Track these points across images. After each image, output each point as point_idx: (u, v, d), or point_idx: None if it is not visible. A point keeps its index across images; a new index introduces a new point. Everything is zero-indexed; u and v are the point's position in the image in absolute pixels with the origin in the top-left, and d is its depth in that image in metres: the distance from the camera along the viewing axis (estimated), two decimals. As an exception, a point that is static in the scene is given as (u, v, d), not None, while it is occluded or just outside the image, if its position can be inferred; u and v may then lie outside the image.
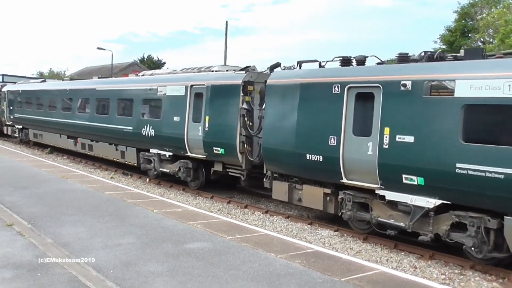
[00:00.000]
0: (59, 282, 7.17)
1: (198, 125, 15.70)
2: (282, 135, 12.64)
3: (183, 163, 16.78)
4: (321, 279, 7.74)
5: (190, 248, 9.23)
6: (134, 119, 18.91)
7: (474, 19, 41.88)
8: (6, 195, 13.70)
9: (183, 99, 16.44)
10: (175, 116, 16.67)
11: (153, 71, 20.21)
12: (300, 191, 12.68)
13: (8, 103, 32.88)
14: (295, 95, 12.40)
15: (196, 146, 15.84)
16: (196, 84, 16.15)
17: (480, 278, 9.05)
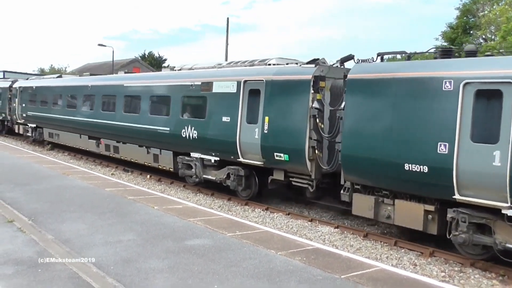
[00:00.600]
0: (60, 278, 7.19)
1: (254, 127, 13.63)
2: (370, 140, 10.61)
3: (233, 170, 14.65)
4: (321, 276, 7.75)
5: (191, 244, 9.24)
6: (172, 119, 16.92)
7: (476, 16, 41.74)
8: (7, 191, 13.73)
9: (234, 97, 14.35)
10: (224, 116, 14.64)
11: (192, 65, 17.97)
12: (390, 206, 10.65)
13: (20, 100, 30.96)
14: (388, 92, 10.41)
15: (251, 151, 13.82)
16: (251, 80, 14.05)
17: (480, 276, 9.06)
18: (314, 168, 12.47)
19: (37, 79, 32.72)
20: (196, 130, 15.68)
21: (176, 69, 18.82)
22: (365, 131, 10.75)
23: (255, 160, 13.85)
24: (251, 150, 13.81)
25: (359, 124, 10.92)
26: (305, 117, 12.36)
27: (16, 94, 31.56)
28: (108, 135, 21.28)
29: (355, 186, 11.36)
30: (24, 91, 30.62)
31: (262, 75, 13.83)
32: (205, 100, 15.57)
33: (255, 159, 13.83)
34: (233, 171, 14.66)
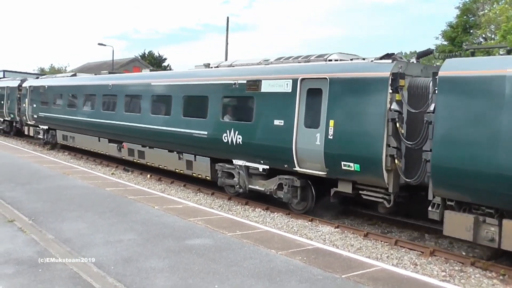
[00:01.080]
0: (60, 278, 7.19)
1: (315, 132, 11.95)
2: (471, 148, 9.08)
3: (287, 180, 13.00)
4: (322, 276, 7.75)
5: (191, 244, 9.24)
6: (210, 121, 15.21)
7: (476, 15, 41.73)
8: (7, 191, 13.73)
9: (289, 97, 12.64)
10: (277, 119, 12.93)
11: (232, 61, 16.27)
12: (495, 227, 9.05)
13: (30, 100, 29.01)
14: (499, 93, 8.77)
15: (311, 159, 12.11)
16: (310, 77, 12.33)
17: (480, 275, 9.06)
18: (392, 180, 10.79)
19: (49, 77, 30.43)
20: (241, 134, 13.99)
21: (213, 66, 17.02)
22: (465, 137, 9.23)
23: (315, 170, 12.14)
24: (311, 158, 12.13)
25: (457, 130, 9.37)
26: (382, 120, 10.72)
27: (26, 94, 29.70)
28: (132, 138, 19.60)
29: (448, 203, 9.74)
30: (35, 91, 28.80)
31: (325, 72, 12.09)
32: (252, 101, 13.85)
33: (315, 168, 12.12)
34: (286, 182, 13.02)
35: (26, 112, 29.60)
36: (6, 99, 33.61)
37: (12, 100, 32.64)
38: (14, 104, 32.20)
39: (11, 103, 32.71)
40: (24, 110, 29.87)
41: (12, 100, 32.54)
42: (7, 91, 33.50)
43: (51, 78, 29.54)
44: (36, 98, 28.45)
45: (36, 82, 29.97)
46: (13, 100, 32.43)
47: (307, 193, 13.05)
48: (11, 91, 32.93)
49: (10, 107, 32.91)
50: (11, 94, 32.75)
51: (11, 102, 32.71)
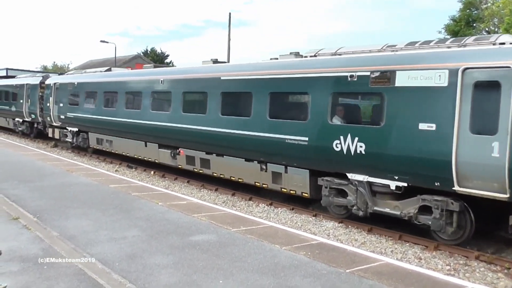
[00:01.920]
0: (65, 275, 7.21)
1: (490, 140, 8.98)
2: None
3: (439, 203, 9.96)
4: (326, 271, 7.75)
5: (195, 240, 9.26)
6: (313, 124, 12.16)
7: (479, 8, 41.58)
8: (12, 188, 13.77)
9: (444, 93, 9.67)
10: (423, 122, 9.95)
11: (336, 49, 12.99)
12: None
13: (56, 99, 25.69)
14: None
15: (483, 175, 9.15)
16: (479, 67, 9.36)
17: (485, 269, 9.05)
18: None
19: (78, 73, 26.85)
20: (363, 141, 10.99)
21: (308, 54, 13.55)
22: None
23: (488, 190, 9.09)
24: (482, 175, 9.16)
25: None
26: None
27: (50, 92, 26.44)
28: (192, 143, 16.42)
29: None
30: (62, 89, 25.39)
31: (506, 59, 9.03)
32: (381, 98, 10.92)
33: (488, 188, 9.09)
34: (437, 204, 9.99)
35: (51, 112, 26.16)
36: (26, 97, 30.54)
37: (33, 98, 29.58)
38: (36, 103, 29.16)
39: (32, 102, 29.75)
40: (49, 110, 26.51)
41: (33, 99, 29.50)
42: (27, 88, 30.50)
43: (81, 74, 25.99)
44: (63, 96, 25.09)
45: (63, 78, 26.82)
46: (34, 99, 29.46)
47: (464, 219, 10.11)
48: (31, 89, 29.91)
49: (31, 106, 29.85)
50: (32, 92, 29.74)
51: (32, 101, 29.72)
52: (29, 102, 30.21)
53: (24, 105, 30.77)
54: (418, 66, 10.28)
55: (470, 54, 9.84)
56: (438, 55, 10.33)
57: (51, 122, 26.55)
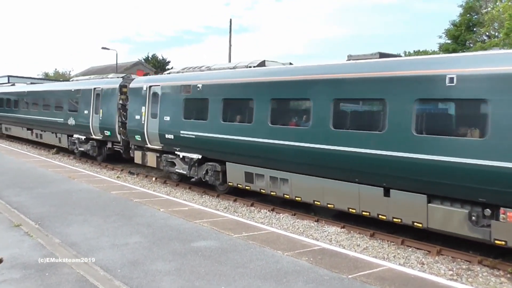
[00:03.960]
0: (67, 281, 7.20)
1: None
2: None
3: None
4: (329, 276, 7.73)
5: (197, 246, 9.24)
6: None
7: (479, 13, 41.66)
8: (14, 195, 13.78)
9: None
10: None
11: None
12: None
13: (156, 109, 17.92)
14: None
15: None
16: None
17: (488, 274, 9.02)
18: None
19: (195, 71, 17.72)
20: None
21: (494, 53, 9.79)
22: None
23: None
24: None
25: None
26: None
27: (143, 99, 18.70)
28: None
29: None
30: (169, 94, 17.47)
31: None
32: None
33: None
34: None
35: (144, 128, 18.48)
36: (94, 107, 22.75)
37: (107, 108, 21.82)
38: (113, 115, 21.33)
39: (106, 114, 21.80)
40: (139, 125, 18.81)
41: (108, 109, 21.73)
42: (96, 94, 22.74)
43: (207, 72, 16.77)
44: (171, 105, 17.27)
45: (171, 79, 18.08)
46: (109, 109, 21.67)
47: None
48: (105, 95, 22.10)
49: (106, 119, 21.86)
50: (105, 100, 22.02)
51: (106, 111, 21.85)
52: (100, 113, 22.18)
53: (92, 118, 22.75)
54: None
55: None
56: None
57: (145, 143, 18.74)
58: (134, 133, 19.36)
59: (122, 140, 21.25)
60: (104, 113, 22.03)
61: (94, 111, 22.73)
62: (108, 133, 21.84)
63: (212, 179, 15.96)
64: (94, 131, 22.81)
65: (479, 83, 9.25)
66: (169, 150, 17.71)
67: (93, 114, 22.74)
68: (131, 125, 19.60)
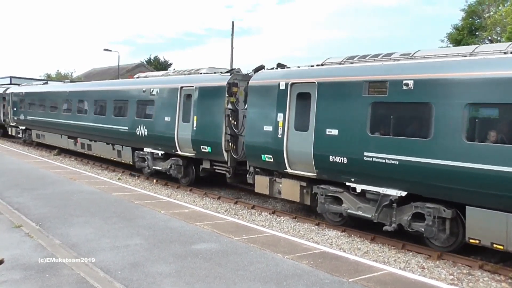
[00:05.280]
0: (67, 283, 7.20)
1: None
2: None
3: None
4: (329, 280, 7.72)
5: (198, 249, 9.24)
6: None
7: (481, 17, 41.67)
8: (15, 196, 13.79)
9: None
10: None
11: None
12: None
13: (311, 117, 12.37)
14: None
15: None
16: None
17: (488, 279, 9.00)
18: None
19: (376, 60, 11.86)
20: None
21: None
22: None
23: None
24: None
25: None
26: None
27: (282, 102, 13.05)
28: None
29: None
30: (332, 97, 12.05)
31: None
32: None
33: None
34: None
35: (283, 145, 12.89)
36: (181, 112, 16.98)
37: (207, 115, 15.94)
38: (217, 124, 15.46)
39: (206, 122, 15.94)
40: (270, 139, 13.29)
41: (209, 116, 15.88)
42: (185, 95, 16.93)
43: (403, 62, 11.23)
44: (345, 114, 11.70)
45: (333, 75, 12.32)
46: (211, 116, 15.80)
47: None
48: (202, 97, 16.17)
49: (202, 129, 16.00)
50: (205, 103, 16.07)
51: (205, 119, 15.99)
52: (192, 121, 16.27)
53: (178, 127, 16.93)
54: None
55: None
56: None
57: (280, 166, 13.15)
58: (259, 151, 13.58)
59: (230, 160, 15.29)
60: (200, 121, 15.95)
61: (181, 118, 16.86)
62: (207, 148, 15.74)
63: (435, 231, 10.05)
64: (182, 145, 16.84)
65: None
66: (330, 178, 12.22)
67: (180, 122, 16.88)
68: (252, 139, 13.87)
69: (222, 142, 15.21)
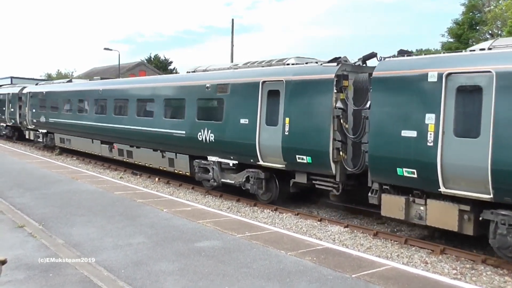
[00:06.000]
0: (71, 282, 7.21)
1: None
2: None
3: None
4: (332, 276, 7.73)
5: (200, 246, 9.25)
6: None
7: (482, 11, 41.59)
8: (17, 196, 13.81)
9: None
10: None
11: None
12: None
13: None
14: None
15: None
16: None
17: (492, 273, 8.99)
18: None
19: None
20: None
21: None
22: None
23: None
24: None
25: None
26: None
27: (435, 99, 9.82)
28: None
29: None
30: None
31: None
32: None
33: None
34: None
35: (437, 155, 9.68)
36: (265, 112, 13.80)
37: (305, 116, 12.81)
38: (321, 127, 12.41)
39: (305, 125, 12.80)
40: (411, 148, 10.20)
41: (308, 118, 12.77)
42: (269, 92, 13.77)
43: None
44: None
45: None
46: (311, 117, 12.71)
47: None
48: (295, 94, 13.03)
49: (299, 135, 12.84)
50: (301, 101, 12.88)
51: (303, 121, 12.84)
52: (283, 124, 13.08)
53: (260, 131, 13.75)
54: None
55: None
56: None
57: (429, 184, 10.06)
58: (392, 164, 10.56)
59: (340, 173, 12.27)
60: (294, 124, 12.84)
61: (264, 120, 13.68)
62: (305, 159, 12.59)
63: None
64: (266, 153, 13.58)
65: None
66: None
67: (262, 125, 13.68)
68: (380, 148, 10.90)
69: (329, 151, 12.02)
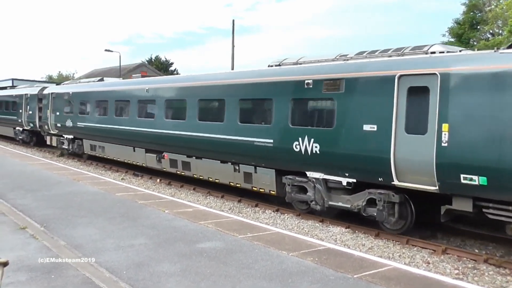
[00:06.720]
0: (73, 284, 7.21)
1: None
2: None
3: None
4: (334, 276, 7.72)
5: (202, 247, 9.25)
6: None
7: (482, 11, 41.55)
8: (19, 198, 13.81)
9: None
10: None
11: None
12: None
13: None
14: None
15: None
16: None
17: (494, 272, 8.98)
18: None
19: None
20: None
21: None
22: None
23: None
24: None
25: None
26: None
27: None
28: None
29: None
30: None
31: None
32: None
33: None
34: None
35: None
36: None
37: None
38: None
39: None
40: None
41: None
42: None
43: None
44: None
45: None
46: None
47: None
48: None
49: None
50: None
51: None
52: (437, 131, 9.64)
53: (395, 140, 10.50)
54: None
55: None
56: None
57: None
58: None
59: None
60: (460, 132, 9.45)
61: (403, 127, 10.44)
62: (475, 179, 9.18)
63: None
64: (406, 170, 10.38)
65: None
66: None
67: (401, 133, 10.45)
68: None
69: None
